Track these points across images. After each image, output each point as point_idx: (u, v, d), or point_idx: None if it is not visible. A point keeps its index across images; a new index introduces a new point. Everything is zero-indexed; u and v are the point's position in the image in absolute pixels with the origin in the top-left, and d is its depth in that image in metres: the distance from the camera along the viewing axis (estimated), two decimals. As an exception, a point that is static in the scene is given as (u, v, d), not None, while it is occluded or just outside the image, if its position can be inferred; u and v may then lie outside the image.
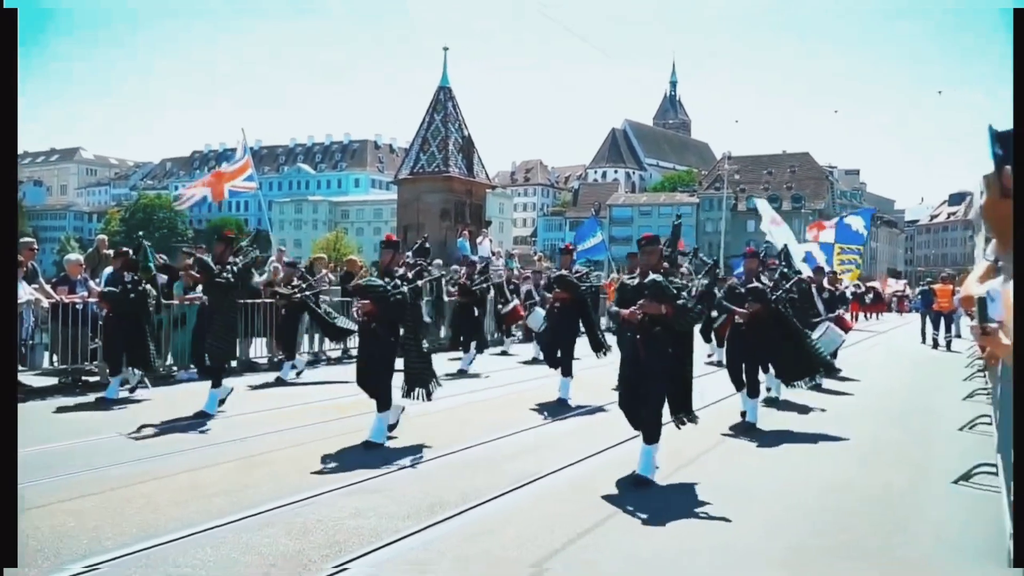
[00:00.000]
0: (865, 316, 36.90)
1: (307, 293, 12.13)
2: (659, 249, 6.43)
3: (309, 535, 4.80)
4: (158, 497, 5.53)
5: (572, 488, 5.98)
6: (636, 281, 6.44)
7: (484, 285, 13.98)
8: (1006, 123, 3.20)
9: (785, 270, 9.85)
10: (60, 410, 9.00)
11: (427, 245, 8.67)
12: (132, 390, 10.07)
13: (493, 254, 27.07)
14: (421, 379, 7.66)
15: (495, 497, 5.68)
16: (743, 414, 8.77)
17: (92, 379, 10.63)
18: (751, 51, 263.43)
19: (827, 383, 11.61)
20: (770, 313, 8.73)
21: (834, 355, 12.75)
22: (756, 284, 8.82)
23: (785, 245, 11.40)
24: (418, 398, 7.62)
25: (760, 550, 4.79)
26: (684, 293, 6.17)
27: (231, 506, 5.33)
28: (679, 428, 6.51)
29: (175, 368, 11.74)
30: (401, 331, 7.60)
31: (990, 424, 8.45)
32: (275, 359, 12.91)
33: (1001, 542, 4.57)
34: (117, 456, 6.72)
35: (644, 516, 5.38)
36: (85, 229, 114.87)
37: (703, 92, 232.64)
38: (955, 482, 6.38)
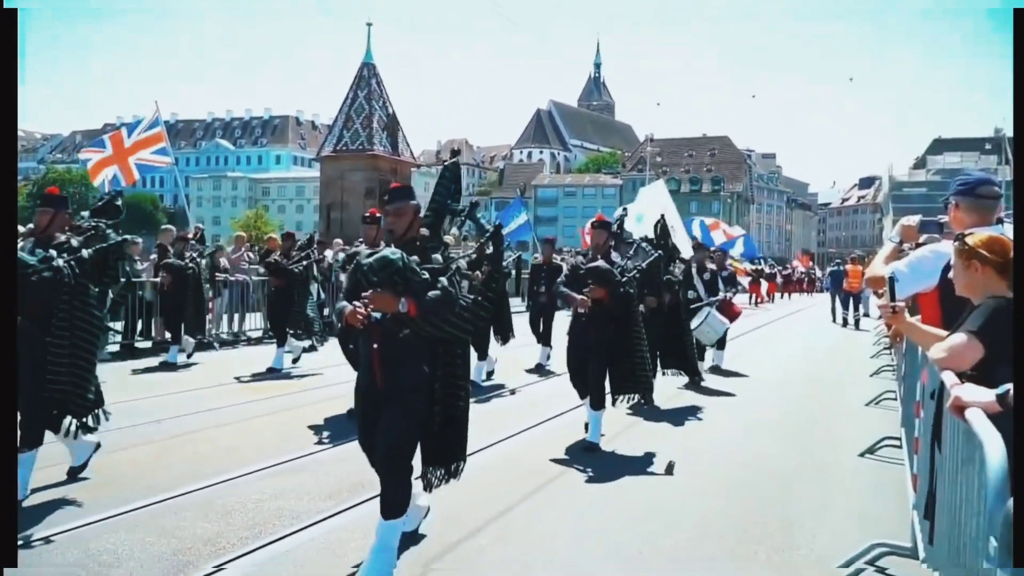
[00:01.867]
0: (782, 295, 37.95)
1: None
2: (412, 207, 4.26)
3: (228, 517, 4.72)
4: (66, 482, 5.34)
5: (497, 466, 6.02)
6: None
7: (303, 264, 11.11)
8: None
9: (644, 245, 7.91)
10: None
11: (118, 202, 6.07)
12: None
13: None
14: (72, 403, 5.20)
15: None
16: (585, 426, 6.99)
17: None
18: (673, 35, 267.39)
19: (727, 365, 11.85)
20: (619, 300, 6.88)
21: (721, 344, 11.71)
22: (599, 263, 6.92)
23: (662, 216, 9.07)
24: (70, 432, 5.27)
25: (674, 521, 4.92)
26: (448, 278, 4.05)
27: (146, 489, 5.19)
28: (427, 491, 4.47)
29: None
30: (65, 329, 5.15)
31: (895, 399, 8.84)
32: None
33: (904, 512, 4.80)
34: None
35: (563, 492, 5.47)
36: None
37: (627, 74, 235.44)
38: (861, 455, 6.67)
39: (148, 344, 12.35)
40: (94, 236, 5.52)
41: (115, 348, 11.90)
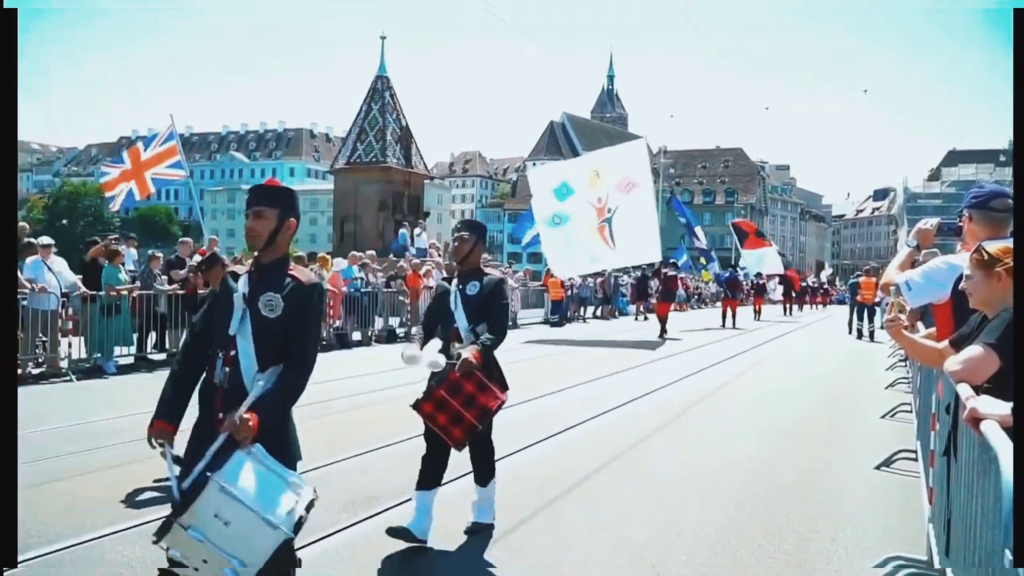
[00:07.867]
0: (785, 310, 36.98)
1: None
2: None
3: (244, 529, 4.73)
4: (83, 493, 5.39)
5: (510, 478, 6.01)
6: None
7: None
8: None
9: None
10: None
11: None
12: None
13: (431, 246, 26.95)
14: None
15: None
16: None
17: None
18: (686, 47, 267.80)
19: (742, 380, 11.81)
20: None
21: None
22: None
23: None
24: None
25: (687, 535, 4.91)
26: None
27: (162, 501, 5.21)
28: None
29: (100, 358, 11.40)
30: None
31: (910, 412, 8.79)
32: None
33: (920, 524, 4.77)
34: (38, 452, 6.51)
35: (576, 506, 5.47)
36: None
37: (640, 86, 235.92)
38: (877, 468, 6.63)
39: (163, 356, 12.42)
40: None
41: (129, 360, 12.02)
